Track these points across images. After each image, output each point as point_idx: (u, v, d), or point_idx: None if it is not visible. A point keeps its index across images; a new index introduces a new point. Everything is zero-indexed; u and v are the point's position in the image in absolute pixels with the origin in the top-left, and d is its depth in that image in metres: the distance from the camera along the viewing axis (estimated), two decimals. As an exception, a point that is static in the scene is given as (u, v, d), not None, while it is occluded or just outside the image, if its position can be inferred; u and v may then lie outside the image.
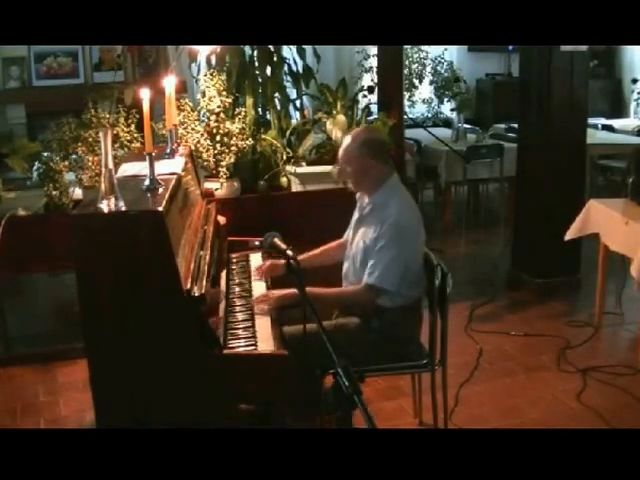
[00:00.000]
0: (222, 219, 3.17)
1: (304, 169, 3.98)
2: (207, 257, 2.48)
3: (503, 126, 6.81)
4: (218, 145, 3.73)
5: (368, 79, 7.15)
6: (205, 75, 3.88)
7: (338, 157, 2.81)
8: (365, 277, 2.65)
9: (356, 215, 2.86)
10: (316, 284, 2.55)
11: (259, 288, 2.77)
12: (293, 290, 2.46)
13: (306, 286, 2.10)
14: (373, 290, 2.64)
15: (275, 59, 4.21)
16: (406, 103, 7.03)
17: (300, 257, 2.39)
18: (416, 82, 7.53)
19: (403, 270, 2.63)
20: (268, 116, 4.23)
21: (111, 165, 2.15)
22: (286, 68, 4.28)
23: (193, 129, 3.75)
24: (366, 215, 2.76)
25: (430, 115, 7.58)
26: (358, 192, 2.84)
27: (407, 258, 2.65)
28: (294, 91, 4.41)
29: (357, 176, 2.74)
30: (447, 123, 7.16)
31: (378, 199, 2.72)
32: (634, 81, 7.84)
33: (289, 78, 4.31)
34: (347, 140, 2.74)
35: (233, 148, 3.76)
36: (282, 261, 2.77)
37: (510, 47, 7.97)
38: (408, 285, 2.68)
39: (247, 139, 3.83)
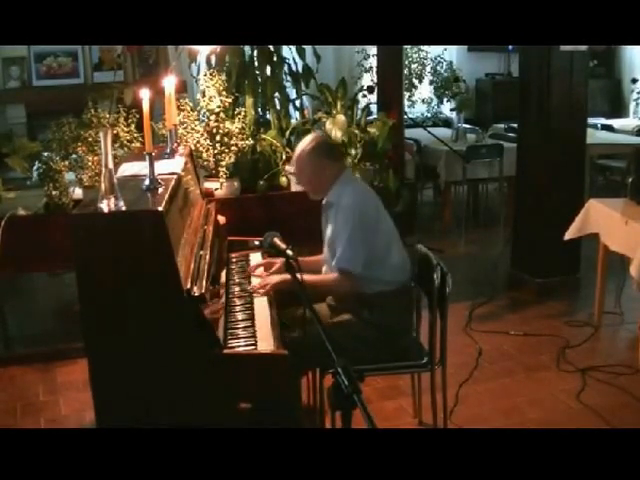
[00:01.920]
0: (222, 219, 3.17)
1: (304, 169, 3.98)
2: (207, 257, 2.49)
3: (503, 126, 6.81)
4: (218, 145, 3.73)
5: (368, 79, 7.15)
6: (205, 75, 3.88)
7: (293, 170, 2.86)
8: (333, 264, 2.69)
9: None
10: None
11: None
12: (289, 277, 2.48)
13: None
14: (340, 275, 2.66)
15: (275, 59, 4.21)
16: (406, 103, 7.02)
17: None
18: (416, 82, 7.52)
19: (365, 249, 2.65)
20: (268, 116, 4.23)
21: (111, 165, 2.15)
22: (286, 68, 4.28)
23: (193, 129, 3.75)
24: (328, 215, 2.81)
25: (430, 115, 7.58)
26: (318, 197, 2.86)
27: (364, 234, 2.66)
28: (294, 91, 4.42)
29: (313, 180, 2.78)
30: (447, 123, 7.16)
31: (333, 194, 2.77)
32: (634, 81, 7.84)
33: (289, 78, 4.31)
34: (298, 150, 2.80)
35: (233, 148, 3.76)
36: (279, 259, 2.80)
37: (510, 47, 7.97)
38: (391, 270, 2.71)
39: (247, 139, 3.83)
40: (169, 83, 3.10)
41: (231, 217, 3.30)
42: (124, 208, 2.12)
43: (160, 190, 2.36)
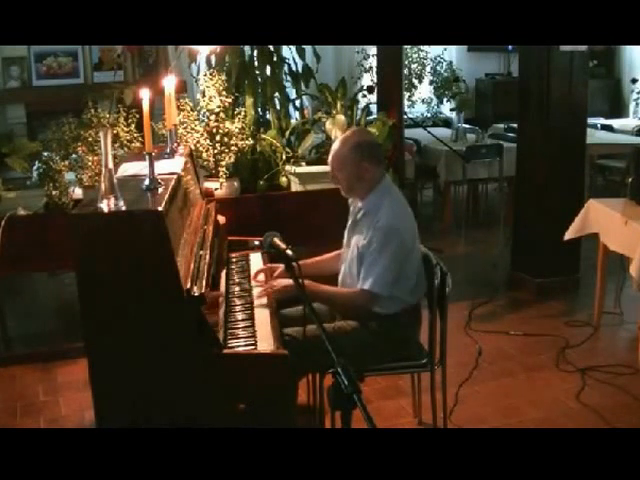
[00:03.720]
0: (222, 219, 3.17)
1: (304, 169, 3.98)
2: (207, 257, 2.49)
3: (502, 126, 6.82)
4: (218, 145, 3.73)
5: (368, 79, 7.15)
6: (205, 75, 3.88)
7: (329, 162, 2.71)
8: (359, 282, 2.62)
9: (350, 220, 2.81)
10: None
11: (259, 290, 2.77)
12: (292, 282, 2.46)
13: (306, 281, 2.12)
14: (367, 295, 2.60)
15: (275, 59, 4.21)
16: (406, 103, 7.03)
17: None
18: (416, 82, 7.53)
19: (397, 273, 2.60)
20: (268, 116, 4.23)
21: (111, 165, 2.15)
22: (286, 68, 4.29)
23: (193, 129, 3.75)
24: (359, 220, 2.71)
25: (430, 115, 7.59)
26: (350, 197, 2.78)
27: (400, 260, 2.61)
28: (294, 91, 4.42)
29: (351, 181, 2.65)
30: (447, 123, 7.17)
31: (370, 203, 2.66)
32: (633, 81, 7.85)
33: (289, 78, 4.31)
34: (338, 144, 2.66)
35: (233, 148, 3.76)
36: (281, 265, 2.79)
37: (510, 47, 7.98)
38: (407, 292, 2.67)
39: (247, 139, 3.83)
40: (169, 83, 3.10)
41: (231, 217, 3.30)
42: (124, 208, 2.12)
43: (160, 190, 2.36)
